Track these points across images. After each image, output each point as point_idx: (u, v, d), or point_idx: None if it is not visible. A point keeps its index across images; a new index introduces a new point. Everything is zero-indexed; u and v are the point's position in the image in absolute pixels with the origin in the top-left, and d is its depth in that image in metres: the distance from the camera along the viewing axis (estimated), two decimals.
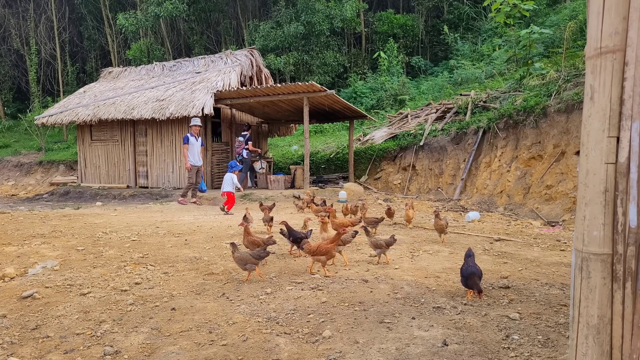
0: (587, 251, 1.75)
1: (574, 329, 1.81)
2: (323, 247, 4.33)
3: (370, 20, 25.53)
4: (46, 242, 5.76)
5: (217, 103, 12.68)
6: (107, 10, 27.23)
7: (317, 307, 3.53)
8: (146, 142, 13.82)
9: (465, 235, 6.81)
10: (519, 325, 3.14)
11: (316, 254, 4.32)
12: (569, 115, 9.53)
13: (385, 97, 20.35)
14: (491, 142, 11.64)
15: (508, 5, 12.96)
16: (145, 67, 16.47)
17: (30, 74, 27.26)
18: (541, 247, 6.05)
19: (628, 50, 1.66)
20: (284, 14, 22.51)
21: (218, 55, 15.36)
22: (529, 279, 4.37)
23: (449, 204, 11.10)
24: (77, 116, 14.15)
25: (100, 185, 14.29)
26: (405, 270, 4.66)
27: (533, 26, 13.22)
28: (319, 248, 4.32)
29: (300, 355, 2.77)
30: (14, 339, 3.01)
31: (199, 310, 3.50)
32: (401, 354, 2.73)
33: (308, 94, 11.58)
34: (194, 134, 10.90)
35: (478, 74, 17.85)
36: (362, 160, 14.66)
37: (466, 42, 21.93)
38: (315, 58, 22.64)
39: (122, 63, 26.97)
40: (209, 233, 6.62)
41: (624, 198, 1.66)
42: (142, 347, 2.91)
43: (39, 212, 9.39)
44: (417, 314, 3.38)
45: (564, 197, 8.94)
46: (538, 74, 12.32)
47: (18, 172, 19.34)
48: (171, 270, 4.61)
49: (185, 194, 10.95)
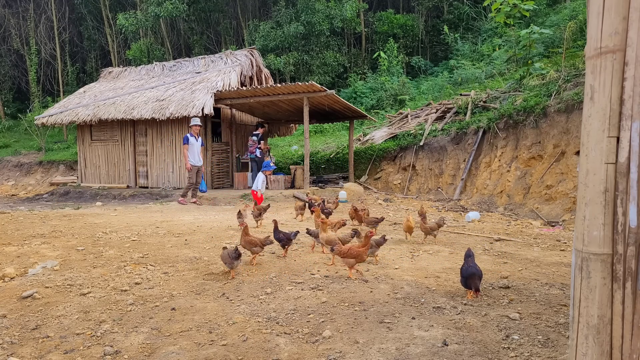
0: (587, 251, 1.75)
1: (574, 329, 1.81)
2: (354, 250, 4.26)
3: (370, 20, 25.52)
4: (46, 242, 5.75)
5: (217, 103, 12.68)
6: (107, 10, 27.22)
7: (317, 307, 3.53)
8: (146, 142, 13.82)
9: (465, 235, 6.81)
10: (519, 325, 3.14)
11: (346, 256, 4.25)
12: (569, 115, 9.53)
13: (385, 97, 20.35)
14: (491, 142, 11.64)
15: (508, 5, 12.96)
16: (145, 67, 16.47)
17: (30, 74, 27.26)
18: (541, 247, 6.05)
19: (628, 50, 1.66)
20: (284, 14, 22.51)
21: (218, 55, 15.36)
22: (529, 279, 4.37)
23: (449, 204, 11.10)
24: (77, 116, 14.15)
25: (100, 185, 14.29)
26: (405, 270, 4.66)
27: (533, 26, 13.22)
28: (349, 250, 4.25)
29: (300, 355, 2.77)
30: (14, 339, 3.01)
31: (199, 310, 3.50)
32: (401, 354, 2.73)
33: (308, 94, 11.58)
34: (194, 134, 10.89)
35: (478, 74, 17.84)
36: (362, 160, 14.66)
37: (466, 42, 21.92)
38: (315, 58, 22.64)
39: (122, 63, 26.97)
40: (209, 233, 6.62)
41: (624, 198, 1.66)
42: (142, 347, 2.91)
43: (39, 212, 9.39)
44: (417, 314, 3.38)
45: (564, 197, 8.94)
46: (538, 74, 12.32)
47: (18, 172, 19.34)
48: (171, 270, 4.61)
49: (186, 194, 10.96)
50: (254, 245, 4.79)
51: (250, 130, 15.82)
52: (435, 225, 6.02)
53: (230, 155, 14.53)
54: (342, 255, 4.30)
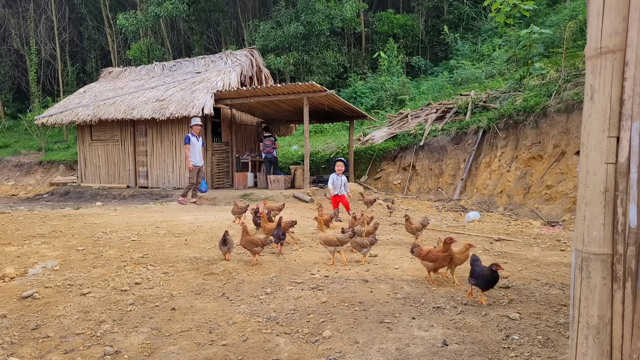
0: (587, 251, 1.75)
1: (574, 329, 1.81)
2: (433, 253, 4.11)
3: (370, 20, 25.52)
4: (46, 242, 5.75)
5: (217, 103, 12.68)
6: (107, 10, 27.22)
7: (317, 307, 3.53)
8: (146, 142, 13.82)
9: (465, 235, 6.81)
10: (519, 325, 3.14)
11: (425, 259, 4.13)
12: (569, 115, 9.53)
13: (385, 97, 20.34)
14: (491, 142, 11.64)
15: (508, 5, 12.96)
16: (145, 67, 16.47)
17: (30, 74, 27.25)
18: (541, 247, 6.05)
19: (628, 50, 1.66)
20: (284, 14, 22.51)
21: (218, 55, 15.36)
22: (529, 279, 4.37)
23: (449, 204, 11.10)
24: (77, 116, 14.15)
25: (100, 185, 14.29)
26: (405, 270, 4.66)
27: (533, 26, 13.22)
28: (429, 253, 4.11)
29: (300, 355, 2.77)
30: (14, 339, 3.01)
31: (199, 310, 3.50)
32: (401, 354, 2.73)
33: (308, 94, 11.58)
34: (195, 134, 10.89)
35: (478, 74, 17.84)
36: (362, 160, 14.66)
37: (466, 42, 21.92)
38: (315, 58, 22.63)
39: (122, 63, 26.97)
40: (209, 233, 6.62)
41: (624, 198, 1.66)
42: (142, 347, 2.91)
43: (39, 212, 9.39)
44: (417, 314, 3.38)
45: (564, 197, 8.94)
46: (538, 74, 12.32)
47: (18, 172, 19.34)
48: (171, 270, 4.61)
49: (186, 194, 10.95)
50: (255, 245, 4.79)
51: (251, 130, 15.84)
52: (420, 225, 6.08)
53: (230, 155, 14.53)
54: (421, 257, 4.16)
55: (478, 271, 3.57)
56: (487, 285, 3.55)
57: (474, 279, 3.59)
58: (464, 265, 4.86)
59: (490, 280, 3.50)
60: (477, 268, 3.61)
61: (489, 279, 3.50)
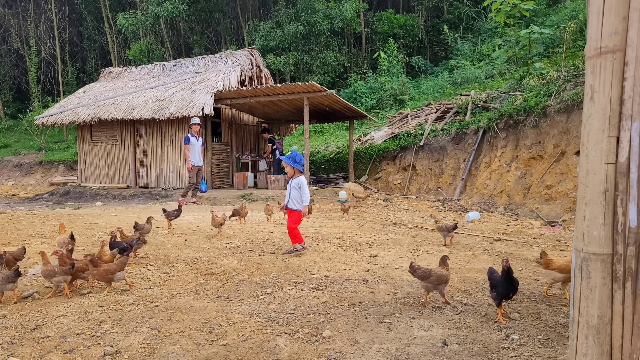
0: (587, 251, 1.75)
1: (574, 329, 1.81)
2: None
3: (370, 20, 25.51)
4: (46, 242, 5.76)
5: (217, 103, 12.68)
6: (107, 10, 27.21)
7: (317, 307, 3.53)
8: (146, 142, 13.82)
9: (465, 236, 6.81)
10: (519, 325, 3.14)
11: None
12: (569, 115, 9.53)
13: (385, 97, 20.34)
14: (491, 142, 11.64)
15: (508, 5, 12.95)
16: (145, 67, 16.46)
17: (30, 74, 27.24)
18: (541, 247, 6.04)
19: (628, 50, 1.66)
20: (284, 14, 22.51)
21: (218, 55, 15.36)
22: (529, 279, 4.37)
23: (449, 204, 11.10)
24: (77, 116, 14.15)
25: (100, 185, 14.29)
26: (405, 270, 4.66)
27: (533, 26, 13.21)
28: None
29: (300, 355, 2.77)
30: (14, 339, 3.01)
31: (199, 310, 3.50)
32: (401, 354, 2.73)
33: (308, 94, 11.58)
34: (194, 134, 10.89)
35: (478, 74, 17.84)
36: (362, 160, 14.66)
37: (466, 42, 21.92)
38: (315, 58, 22.63)
39: (122, 63, 26.96)
40: (209, 233, 6.62)
41: (624, 198, 1.66)
42: (142, 347, 2.91)
43: (39, 212, 9.39)
44: (417, 314, 3.38)
45: (564, 197, 8.94)
46: (538, 74, 12.31)
47: (18, 172, 19.33)
48: (171, 270, 4.61)
49: (186, 194, 10.95)
50: None
51: (251, 130, 15.83)
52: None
53: (230, 155, 14.53)
54: None
55: (496, 278, 3.32)
56: (507, 288, 3.26)
57: (494, 290, 3.33)
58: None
59: (507, 281, 3.22)
60: (495, 277, 3.37)
61: (505, 279, 3.23)
